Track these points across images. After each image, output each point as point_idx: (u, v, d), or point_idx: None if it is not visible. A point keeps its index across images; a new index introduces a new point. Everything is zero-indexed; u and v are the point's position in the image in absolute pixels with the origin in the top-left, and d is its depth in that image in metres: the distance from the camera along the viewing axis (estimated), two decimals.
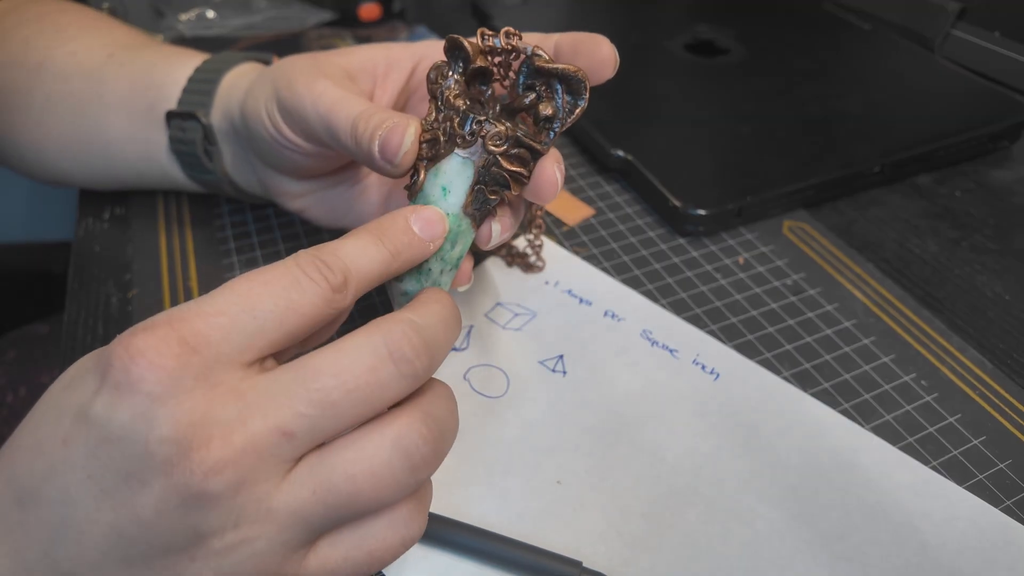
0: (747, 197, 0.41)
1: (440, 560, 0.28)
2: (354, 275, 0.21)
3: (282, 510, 0.19)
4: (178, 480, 0.18)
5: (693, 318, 0.37)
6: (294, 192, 0.35)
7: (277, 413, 0.19)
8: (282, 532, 0.19)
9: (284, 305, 0.20)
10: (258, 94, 0.32)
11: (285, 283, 0.20)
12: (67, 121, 0.39)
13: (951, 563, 0.27)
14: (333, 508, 0.19)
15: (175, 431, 0.18)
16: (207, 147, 0.37)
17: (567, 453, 0.31)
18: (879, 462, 0.31)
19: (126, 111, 0.39)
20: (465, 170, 0.26)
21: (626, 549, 0.28)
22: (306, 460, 0.19)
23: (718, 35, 0.57)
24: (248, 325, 0.19)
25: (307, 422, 0.19)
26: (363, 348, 0.20)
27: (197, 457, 0.18)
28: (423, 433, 0.20)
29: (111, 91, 0.39)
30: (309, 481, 0.19)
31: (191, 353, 0.18)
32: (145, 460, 0.18)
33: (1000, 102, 0.49)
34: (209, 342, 0.19)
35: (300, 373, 0.19)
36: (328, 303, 0.20)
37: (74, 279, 0.40)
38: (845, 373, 0.34)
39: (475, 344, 0.36)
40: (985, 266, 0.40)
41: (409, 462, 0.20)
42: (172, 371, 0.18)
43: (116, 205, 0.44)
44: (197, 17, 0.63)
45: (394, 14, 0.65)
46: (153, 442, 0.18)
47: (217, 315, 0.19)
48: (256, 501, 0.19)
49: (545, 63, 0.25)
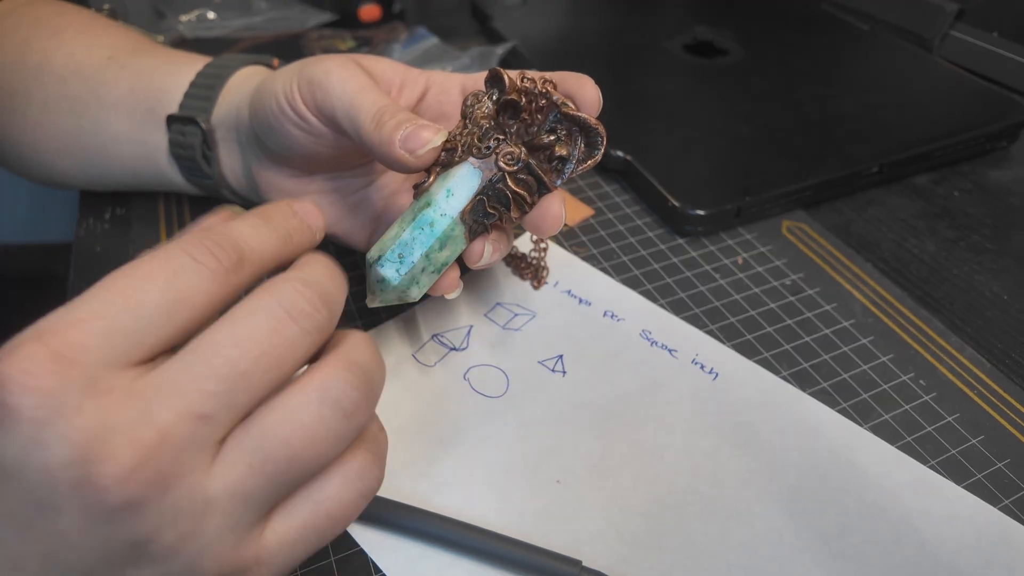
0: (746, 197, 0.42)
1: (440, 560, 0.28)
2: (248, 254, 0.20)
3: (220, 495, 0.18)
4: (92, 498, 0.17)
5: (692, 318, 0.37)
6: (288, 190, 0.35)
7: (185, 398, 0.17)
8: (226, 517, 0.18)
9: (171, 297, 0.18)
10: (273, 86, 0.32)
11: (169, 272, 0.18)
12: (66, 122, 0.39)
13: (949, 562, 0.28)
14: (274, 477, 0.19)
15: (73, 450, 0.16)
16: (206, 152, 0.38)
17: (567, 453, 0.31)
18: (878, 461, 0.31)
19: (126, 113, 0.39)
20: (472, 178, 0.27)
21: (626, 548, 0.28)
22: (232, 437, 0.18)
23: (717, 36, 0.57)
24: (130, 325, 0.18)
25: (220, 400, 0.18)
26: (258, 313, 0.19)
27: (106, 470, 0.17)
28: (348, 379, 0.19)
29: (111, 93, 0.39)
30: (241, 457, 0.18)
31: (69, 366, 0.17)
32: (51, 487, 0.17)
33: (998, 102, 0.49)
34: (88, 349, 0.17)
35: (198, 354, 0.18)
36: (223, 285, 0.19)
37: (75, 280, 0.40)
38: (844, 373, 0.34)
39: (475, 344, 0.36)
40: (983, 266, 0.40)
41: (341, 411, 0.19)
42: (52, 390, 0.16)
43: (117, 206, 0.44)
44: (197, 18, 0.64)
45: (394, 15, 0.65)
46: (54, 468, 0.16)
47: (93, 319, 0.17)
48: (189, 494, 0.18)
49: (571, 111, 0.27)
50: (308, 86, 0.30)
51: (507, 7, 0.62)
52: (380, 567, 0.27)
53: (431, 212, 0.27)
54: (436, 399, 0.33)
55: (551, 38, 0.58)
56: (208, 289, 0.19)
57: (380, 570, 0.27)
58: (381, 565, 0.27)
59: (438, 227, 0.27)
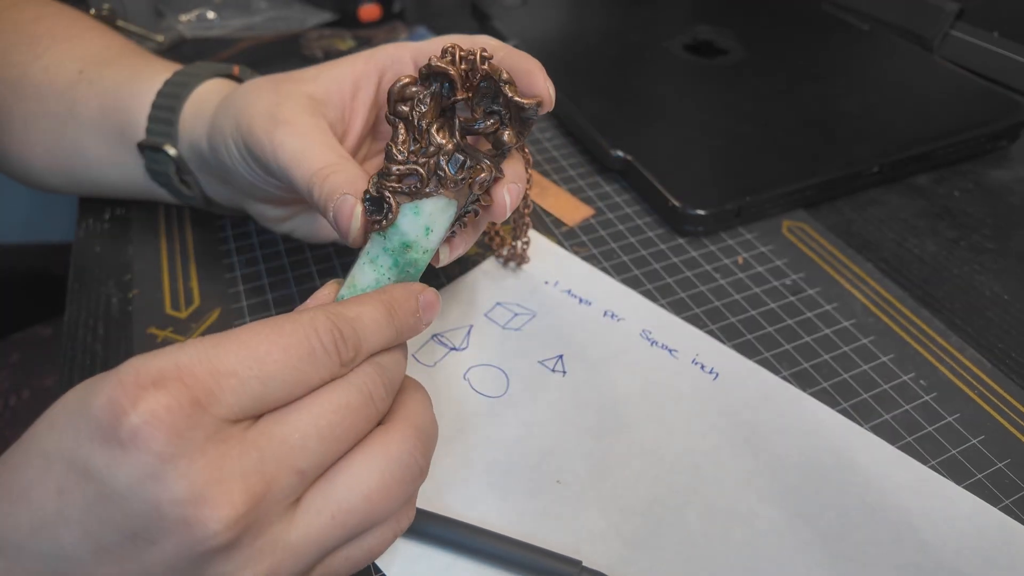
0: (746, 197, 0.42)
1: (440, 560, 0.28)
2: (364, 351, 0.22)
3: (300, 542, 0.20)
4: (194, 538, 0.18)
5: (692, 318, 0.37)
6: (276, 217, 0.36)
7: (290, 454, 0.19)
8: (299, 562, 0.20)
9: (295, 378, 0.20)
10: (223, 127, 0.31)
11: (302, 353, 0.20)
12: (48, 140, 0.39)
13: (950, 562, 0.28)
14: (351, 528, 0.21)
15: (190, 491, 0.17)
16: (182, 176, 0.37)
17: (567, 453, 0.31)
18: (878, 461, 0.31)
19: (101, 135, 0.38)
20: (448, 209, 0.25)
21: (626, 549, 0.28)
22: (315, 490, 0.20)
23: (717, 35, 0.57)
24: (258, 391, 0.19)
25: (315, 459, 0.20)
26: (352, 391, 0.21)
27: (217, 514, 0.18)
28: (418, 447, 0.22)
29: (84, 111, 0.38)
30: (326, 508, 0.20)
31: (202, 412, 0.18)
32: (155, 520, 0.17)
33: (998, 102, 0.49)
34: (220, 403, 0.18)
35: (303, 415, 0.20)
36: (335, 374, 0.21)
37: (75, 280, 0.40)
38: (844, 373, 0.34)
39: (475, 344, 0.36)
40: (984, 266, 0.40)
41: (411, 474, 0.22)
42: (183, 430, 0.18)
43: (116, 206, 0.44)
44: (197, 18, 0.63)
45: (394, 14, 0.65)
46: (165, 503, 0.17)
47: (229, 376, 0.19)
48: (273, 540, 0.19)
49: (514, 94, 0.25)
50: (251, 159, 0.30)
51: (507, 7, 0.62)
52: (380, 567, 0.27)
53: (413, 254, 0.25)
54: (436, 399, 0.33)
55: (551, 38, 0.58)
56: (323, 376, 0.21)
57: (380, 570, 0.27)
58: (381, 565, 0.27)
59: (422, 263, 0.26)
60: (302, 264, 0.40)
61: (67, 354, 0.36)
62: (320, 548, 0.20)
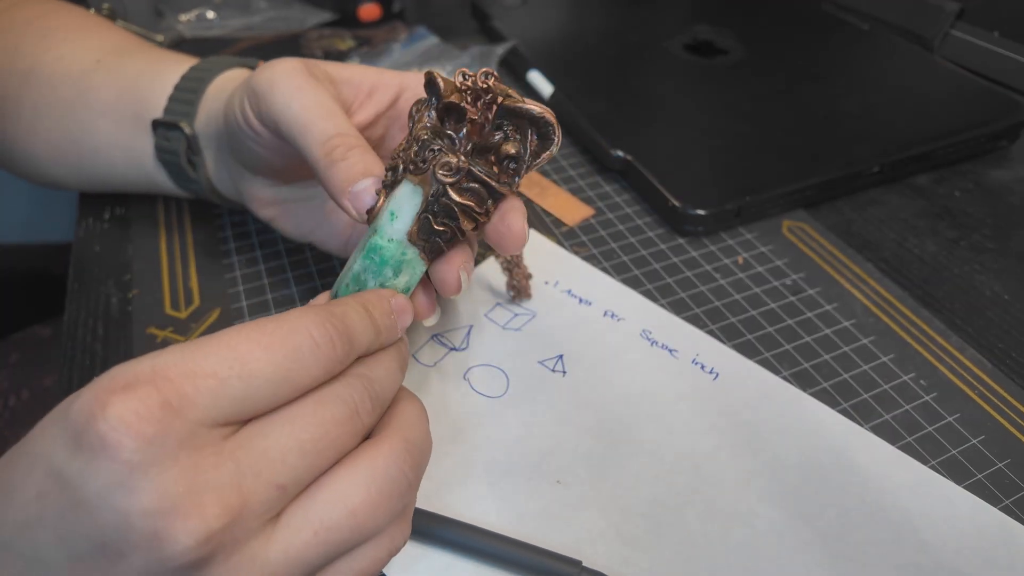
0: (746, 197, 0.42)
1: (440, 560, 0.28)
2: (356, 346, 0.21)
3: (279, 560, 0.19)
4: (163, 553, 0.17)
5: (693, 318, 0.37)
6: (264, 198, 0.35)
7: (270, 468, 0.18)
8: None
9: (280, 376, 0.19)
10: (240, 92, 0.31)
11: (290, 348, 0.19)
12: (56, 127, 0.39)
13: (950, 562, 0.28)
14: (334, 545, 0.20)
15: (160, 502, 0.17)
16: (191, 157, 0.37)
17: (567, 453, 0.31)
18: (878, 461, 0.31)
19: (114, 119, 0.38)
20: (415, 197, 0.25)
21: (626, 549, 0.28)
22: (296, 506, 0.19)
23: (717, 35, 0.57)
24: (239, 392, 0.18)
25: (296, 473, 0.19)
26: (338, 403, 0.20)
27: (188, 527, 0.17)
28: (408, 461, 0.21)
29: (99, 98, 0.38)
30: (307, 525, 0.19)
31: (174, 417, 0.17)
32: (124, 532, 0.17)
33: (999, 102, 0.49)
34: (195, 406, 0.18)
35: (285, 427, 0.19)
36: (327, 372, 0.20)
37: (74, 280, 0.40)
38: (844, 373, 0.34)
39: (475, 344, 0.36)
40: (984, 266, 0.40)
41: (399, 488, 0.21)
42: (153, 437, 0.17)
43: (116, 205, 0.44)
44: (197, 17, 0.63)
45: (394, 14, 0.65)
46: (135, 514, 0.17)
47: (207, 377, 0.18)
48: (249, 558, 0.18)
49: (513, 103, 0.24)
50: (252, 97, 0.29)
51: (507, 7, 0.62)
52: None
53: (378, 239, 0.25)
54: (436, 399, 0.33)
55: (551, 38, 0.58)
56: (315, 374, 0.20)
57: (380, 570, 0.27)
58: None
59: (387, 253, 0.25)
60: (302, 264, 0.40)
61: (67, 354, 0.35)
62: (302, 567, 0.19)
